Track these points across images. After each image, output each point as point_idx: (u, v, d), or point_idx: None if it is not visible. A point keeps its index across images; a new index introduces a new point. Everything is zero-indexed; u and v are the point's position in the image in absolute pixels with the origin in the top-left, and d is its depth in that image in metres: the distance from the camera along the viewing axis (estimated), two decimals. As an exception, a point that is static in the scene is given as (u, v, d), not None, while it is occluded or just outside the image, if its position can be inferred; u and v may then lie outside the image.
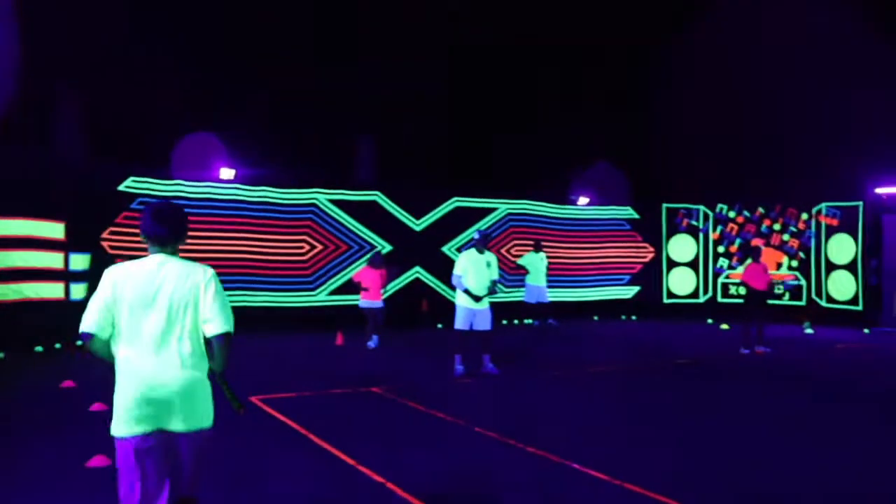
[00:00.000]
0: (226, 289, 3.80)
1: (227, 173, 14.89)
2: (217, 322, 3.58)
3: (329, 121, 17.27)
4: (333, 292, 16.06)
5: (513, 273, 17.94)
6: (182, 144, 14.50)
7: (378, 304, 13.06)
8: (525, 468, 5.96)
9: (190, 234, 5.15)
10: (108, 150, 14.03)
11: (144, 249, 3.91)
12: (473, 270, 10.11)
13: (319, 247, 15.94)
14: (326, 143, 17.13)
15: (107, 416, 7.12)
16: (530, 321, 17.29)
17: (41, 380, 9.60)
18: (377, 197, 16.69)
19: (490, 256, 10.28)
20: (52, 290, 12.71)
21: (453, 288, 10.53)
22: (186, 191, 14.56)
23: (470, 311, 10.16)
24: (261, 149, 15.45)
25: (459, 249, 17.23)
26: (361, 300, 13.11)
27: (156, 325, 3.53)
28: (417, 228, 17.10)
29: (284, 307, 15.53)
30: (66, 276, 12.91)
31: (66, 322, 12.64)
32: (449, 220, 17.52)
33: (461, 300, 10.24)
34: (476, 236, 10.48)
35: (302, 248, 15.76)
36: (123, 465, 3.51)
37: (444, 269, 16.72)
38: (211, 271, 3.72)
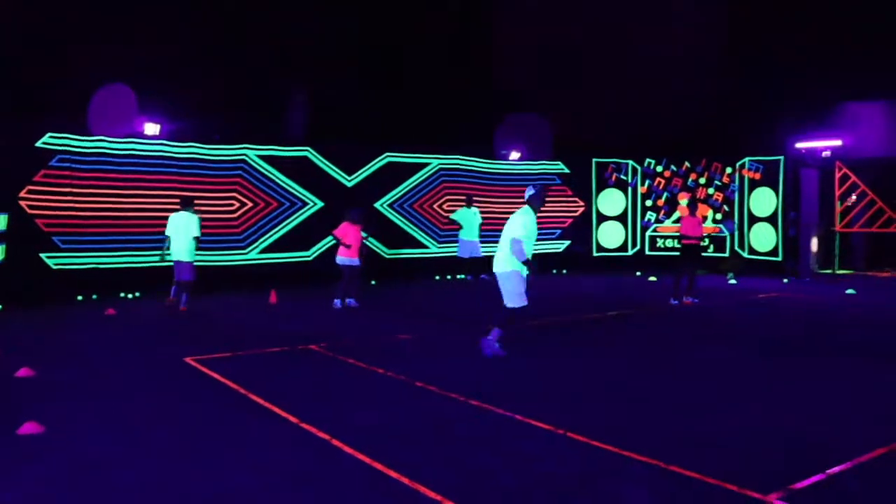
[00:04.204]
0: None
1: (151, 129, 14.34)
2: (197, 232, 11.79)
3: (257, 76, 16.80)
4: (265, 250, 15.80)
5: (445, 228, 17.97)
6: (97, 97, 13.79)
7: (356, 261, 12.63)
8: (470, 421, 6.02)
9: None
10: (15, 104, 13.31)
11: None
12: (534, 234, 8.55)
13: (250, 204, 15.61)
14: (255, 99, 16.67)
15: (34, 382, 6.92)
16: (463, 276, 17.39)
17: (-39, 345, 9.26)
18: (308, 153, 16.40)
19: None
20: (-33, 252, 12.20)
21: (389, 244, 10.32)
22: (109, 147, 13.97)
23: (524, 279, 8.66)
24: (187, 105, 14.91)
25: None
26: (340, 257, 12.62)
27: (181, 231, 11.75)
28: (349, 184, 16.90)
29: (215, 266, 15.20)
30: (-18, 237, 12.43)
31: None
32: (381, 176, 17.35)
33: (510, 265, 8.60)
34: (532, 190, 8.68)
35: (232, 205, 15.40)
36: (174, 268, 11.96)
37: (377, 225, 16.65)
38: (196, 216, 11.98)
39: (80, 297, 13.47)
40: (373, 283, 16.06)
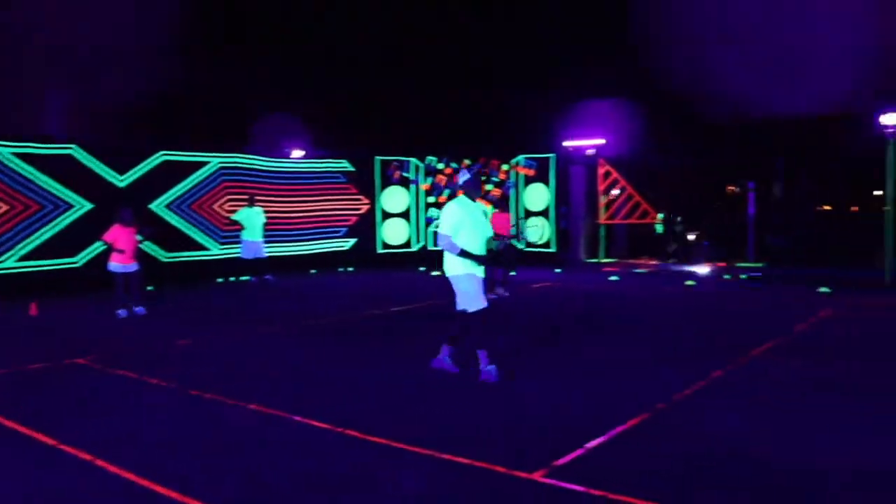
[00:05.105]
0: None
1: None
2: None
3: (13, 69, 15.41)
4: (25, 257, 14.49)
5: (227, 229, 17.42)
6: None
7: (133, 267, 11.79)
8: (246, 426, 5.88)
9: None
10: None
11: None
12: (472, 223, 7.23)
13: (4, 207, 14.23)
14: (8, 93, 15.28)
15: None
16: (247, 278, 16.94)
17: None
18: (73, 151, 15.21)
19: (481, 205, 7.62)
20: None
21: (166, 247, 9.83)
22: None
23: (477, 278, 7.32)
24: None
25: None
26: (113, 263, 11.68)
27: None
28: (121, 185, 15.89)
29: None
30: None
31: None
32: (156, 176, 16.47)
33: (462, 267, 7.27)
34: (466, 175, 7.50)
35: (-17, 209, 13.99)
36: None
37: (153, 227, 15.82)
38: None
39: None
40: (150, 288, 15.22)
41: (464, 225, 7.13)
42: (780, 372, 7.48)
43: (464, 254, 7.11)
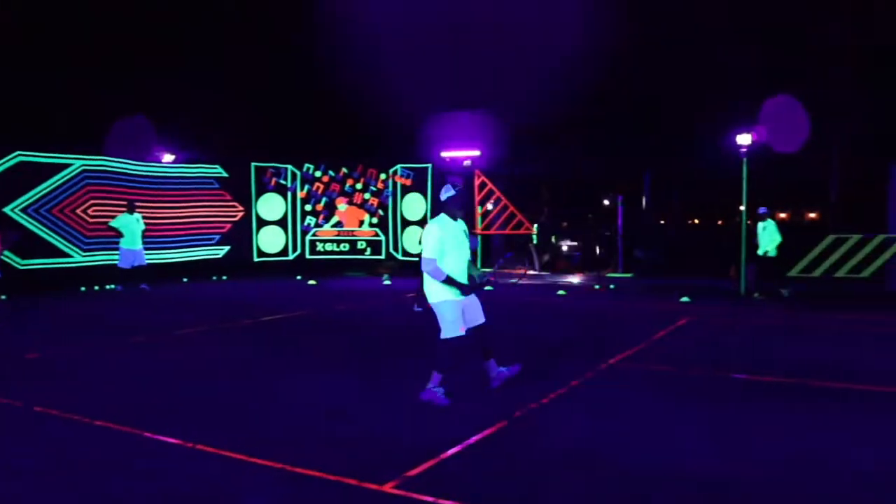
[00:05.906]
0: None
1: None
2: None
3: None
4: None
5: (91, 235, 16.62)
6: None
7: None
8: (92, 444, 5.59)
9: None
10: None
11: None
12: (453, 245, 6.75)
13: None
14: None
15: None
16: (113, 286, 16.21)
17: None
18: (-86, 150, 14.18)
19: (462, 224, 6.97)
20: None
21: (23, 254, 9.23)
22: None
23: (459, 304, 6.82)
24: None
25: (26, 210, 15.48)
26: None
27: None
28: (-30, 187, 14.92)
29: None
30: None
31: None
32: (12, 177, 15.52)
33: (445, 293, 6.75)
34: (451, 192, 6.75)
35: None
36: None
37: (13, 233, 14.96)
38: None
39: None
40: (2, 297, 14.34)
41: (446, 247, 6.64)
42: (636, 378, 7.77)
43: (449, 281, 6.62)
